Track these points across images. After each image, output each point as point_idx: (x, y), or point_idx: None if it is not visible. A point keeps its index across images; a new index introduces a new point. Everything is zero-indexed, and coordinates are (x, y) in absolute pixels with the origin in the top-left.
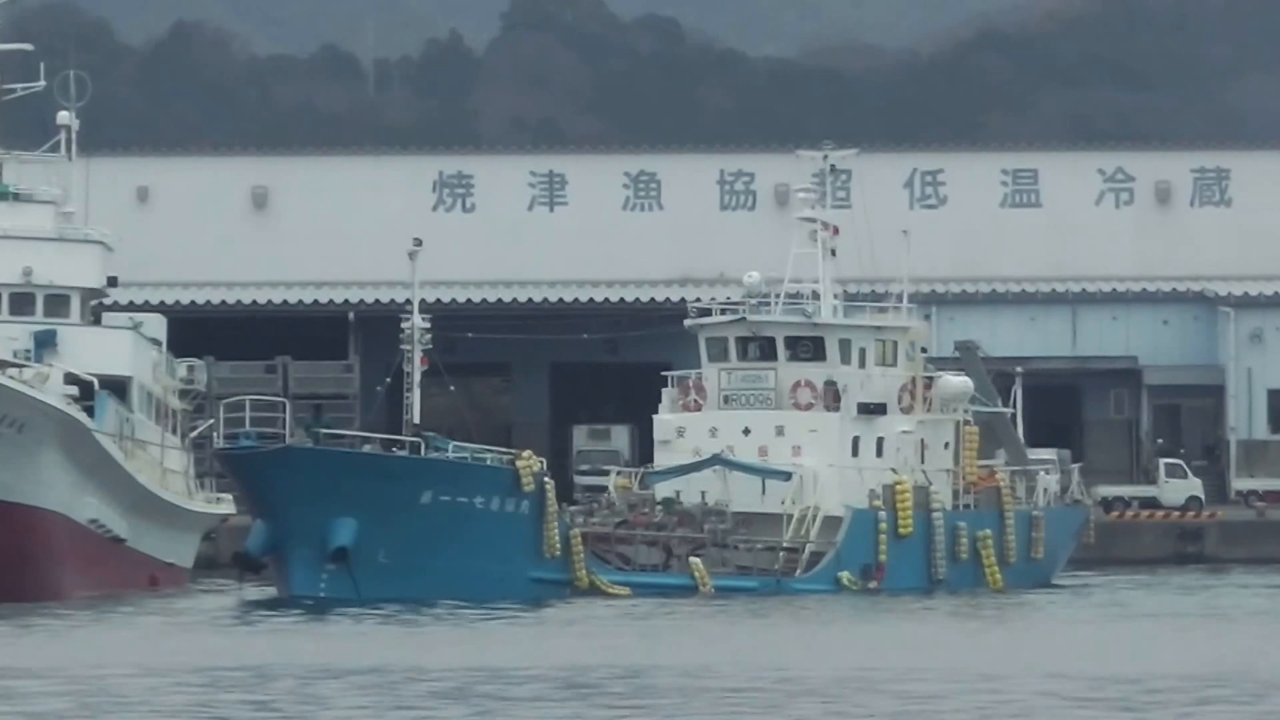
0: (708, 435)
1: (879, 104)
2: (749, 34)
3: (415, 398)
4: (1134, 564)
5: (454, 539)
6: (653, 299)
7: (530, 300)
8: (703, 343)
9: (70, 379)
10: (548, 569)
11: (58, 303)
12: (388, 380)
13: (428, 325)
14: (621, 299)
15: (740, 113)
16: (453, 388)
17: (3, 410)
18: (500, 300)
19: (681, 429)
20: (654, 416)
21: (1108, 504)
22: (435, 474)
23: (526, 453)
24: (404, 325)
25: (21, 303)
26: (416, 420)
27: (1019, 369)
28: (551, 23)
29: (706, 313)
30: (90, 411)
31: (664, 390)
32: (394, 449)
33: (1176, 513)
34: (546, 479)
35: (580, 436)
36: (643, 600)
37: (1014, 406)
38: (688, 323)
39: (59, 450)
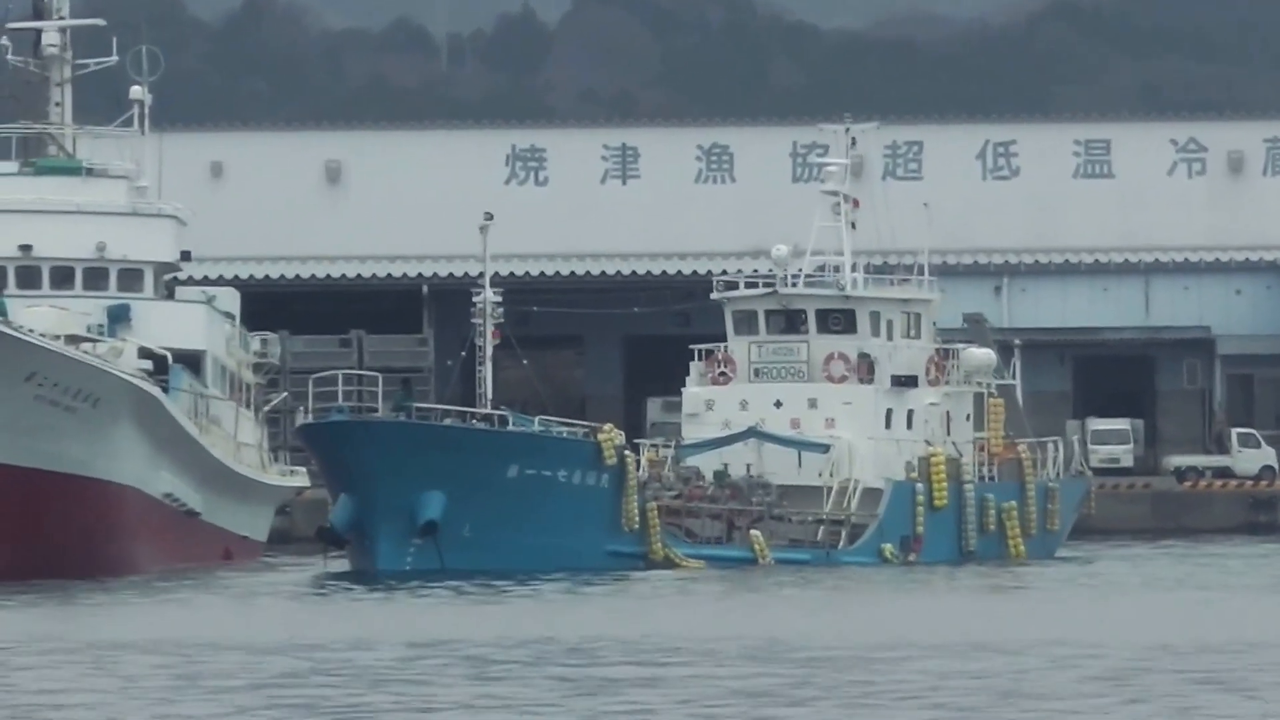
0: (737, 408)
1: (950, 75)
2: (819, 6)
3: (487, 371)
4: (1207, 533)
5: (537, 512)
6: (724, 271)
7: (603, 273)
8: (729, 315)
9: (144, 353)
10: (624, 542)
11: (131, 277)
12: (462, 354)
13: (499, 299)
14: (694, 271)
15: (811, 85)
16: (525, 361)
17: (77, 385)
18: (573, 273)
19: (710, 402)
20: (681, 390)
21: (1180, 474)
22: (521, 448)
23: (608, 426)
24: (476, 299)
25: (95, 277)
26: (490, 394)
27: (1018, 341)
28: None
29: (733, 285)
30: (164, 386)
31: (691, 364)
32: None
33: (1250, 482)
34: (627, 452)
35: (654, 409)
36: (719, 571)
37: (1015, 378)
38: (714, 295)
39: (133, 424)
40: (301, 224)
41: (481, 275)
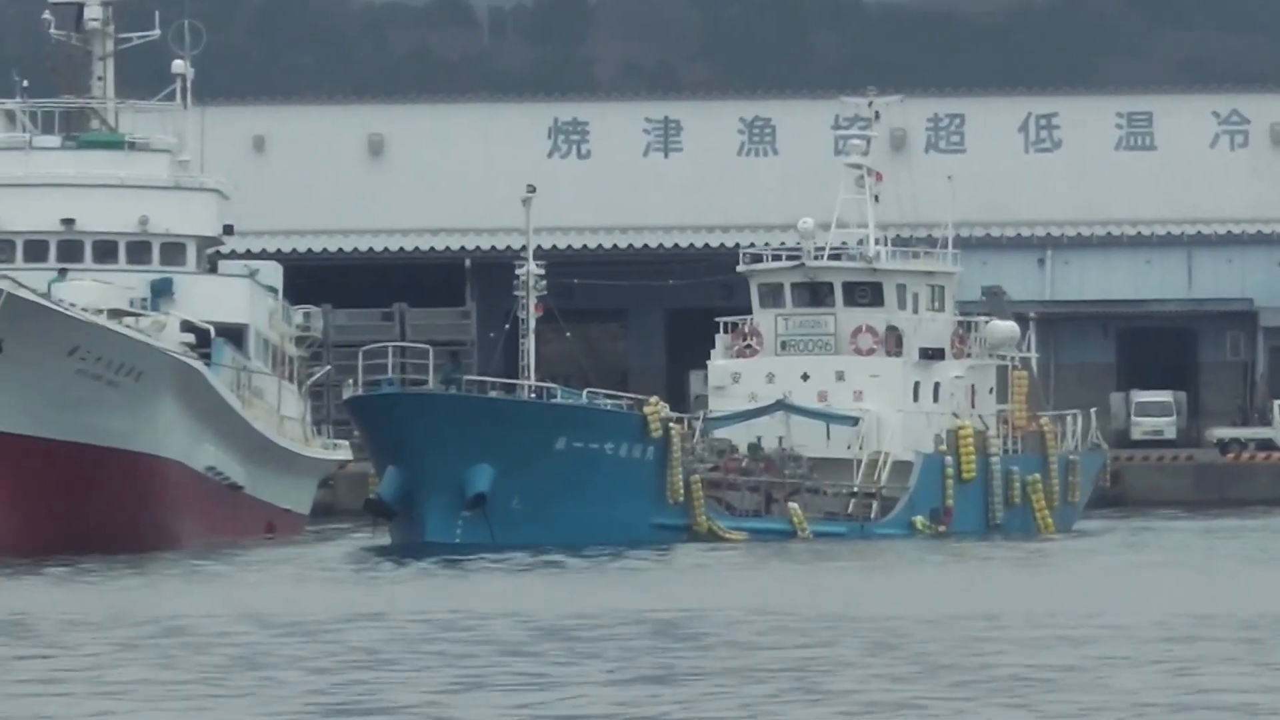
0: (764, 381)
1: (992, 48)
2: None
3: (530, 344)
4: (1250, 504)
5: (584, 485)
6: (767, 244)
7: (645, 246)
8: (755, 288)
9: (187, 327)
10: (669, 515)
11: (174, 251)
12: (506, 327)
13: (542, 272)
14: (736, 244)
15: (854, 58)
16: (569, 334)
17: (120, 359)
18: (615, 246)
19: (737, 374)
20: (707, 363)
21: (1224, 446)
22: (569, 420)
23: (654, 399)
24: (519, 272)
25: (138, 251)
26: (532, 367)
27: (1033, 314)
28: None
29: (758, 258)
30: (207, 359)
31: (717, 336)
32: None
33: None
34: (672, 425)
35: (697, 382)
36: (764, 544)
37: (1031, 351)
38: (740, 268)
39: (176, 398)
40: (344, 198)
41: (524, 248)
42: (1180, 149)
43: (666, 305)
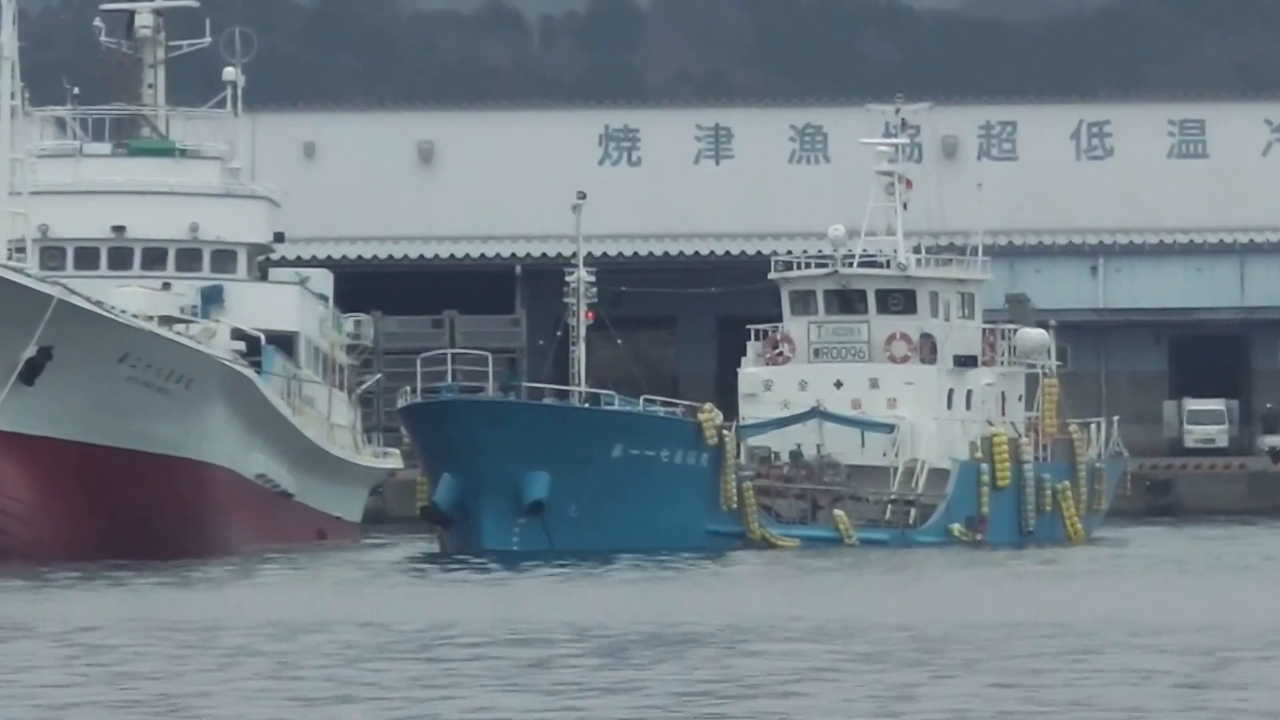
0: (797, 388)
1: (1044, 55)
2: None
3: (581, 351)
4: None
5: (640, 491)
6: (820, 251)
7: (696, 253)
8: (786, 295)
9: (237, 334)
10: (723, 522)
11: (224, 258)
12: (557, 334)
13: (593, 279)
14: (789, 252)
15: (906, 65)
16: (619, 341)
17: (170, 366)
18: (666, 253)
19: (769, 382)
20: (739, 370)
21: (1275, 454)
22: (626, 427)
23: (708, 405)
24: (569, 279)
25: (188, 259)
26: (583, 374)
27: (1053, 322)
28: None
29: (789, 265)
30: (257, 367)
31: (748, 344)
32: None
33: None
34: (726, 432)
35: None
36: (821, 551)
37: (1052, 358)
38: (772, 275)
39: (226, 405)
40: (394, 204)
41: (575, 255)
42: (1232, 156)
43: (717, 312)
